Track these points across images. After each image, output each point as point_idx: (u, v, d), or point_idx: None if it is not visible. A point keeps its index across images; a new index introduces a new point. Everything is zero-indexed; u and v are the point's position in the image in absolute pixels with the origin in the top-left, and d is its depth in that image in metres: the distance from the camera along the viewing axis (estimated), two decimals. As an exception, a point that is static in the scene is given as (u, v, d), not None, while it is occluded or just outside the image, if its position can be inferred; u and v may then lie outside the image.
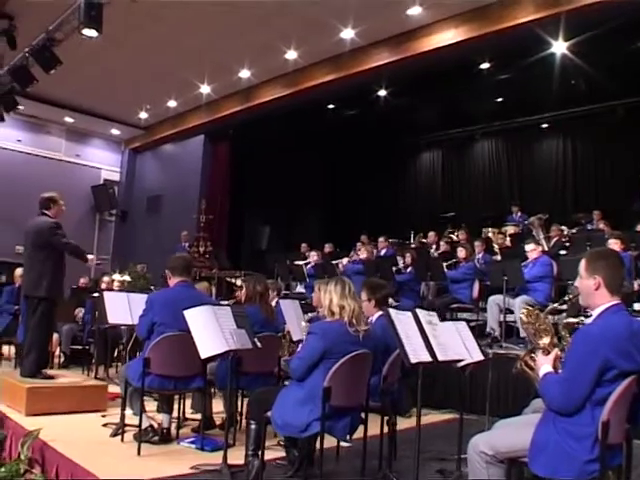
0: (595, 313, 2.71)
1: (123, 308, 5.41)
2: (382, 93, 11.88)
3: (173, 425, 4.99)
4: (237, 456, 3.99)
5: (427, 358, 3.22)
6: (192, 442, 4.68)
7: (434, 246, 10.89)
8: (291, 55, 10.30)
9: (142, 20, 9.40)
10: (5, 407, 5.59)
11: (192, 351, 3.94)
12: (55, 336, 8.06)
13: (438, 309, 7.81)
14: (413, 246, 11.25)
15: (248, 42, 9.87)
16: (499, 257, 9.13)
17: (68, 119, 14.77)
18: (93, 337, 8.01)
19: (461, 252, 8.32)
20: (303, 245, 11.91)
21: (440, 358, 3.28)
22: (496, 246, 9.84)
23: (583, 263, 2.76)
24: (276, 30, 9.48)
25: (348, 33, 9.46)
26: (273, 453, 4.28)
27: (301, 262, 10.28)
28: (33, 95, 13.23)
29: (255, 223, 14.95)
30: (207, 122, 13.28)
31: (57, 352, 8.58)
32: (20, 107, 13.63)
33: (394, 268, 8.92)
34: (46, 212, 6.16)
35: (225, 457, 3.92)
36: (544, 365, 2.78)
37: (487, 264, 8.36)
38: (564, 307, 5.51)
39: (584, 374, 2.53)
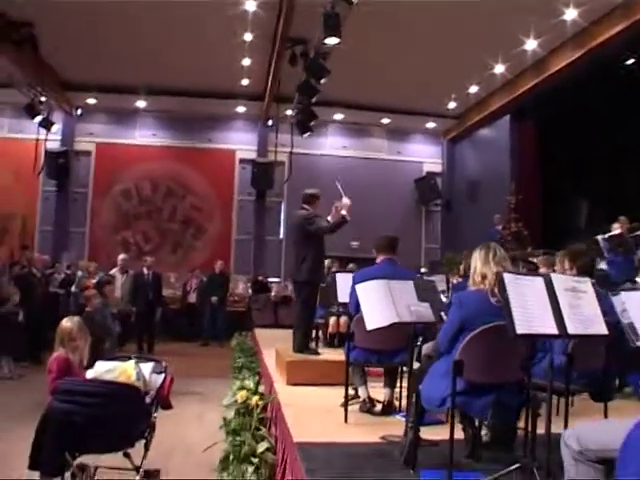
0: None
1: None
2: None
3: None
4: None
5: (547, 330, 2.81)
6: (404, 415, 4.78)
7: None
8: (570, 14, 9.39)
9: (424, 13, 9.68)
10: (278, 377, 6.47)
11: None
12: (343, 319, 8.80)
13: None
14: None
15: (527, 9, 9.32)
16: None
17: (385, 120, 15.82)
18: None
19: None
20: (621, 218, 10.67)
21: (571, 331, 2.83)
22: None
23: None
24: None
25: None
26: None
27: (599, 236, 9.28)
28: (352, 104, 14.63)
29: (571, 199, 13.86)
30: (508, 102, 12.93)
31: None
32: (340, 116, 15.28)
33: None
34: (305, 206, 6.81)
35: (406, 430, 3.95)
36: None
37: None
38: None
39: None
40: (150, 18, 10.41)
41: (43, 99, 13.25)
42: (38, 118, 13.35)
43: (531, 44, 10.58)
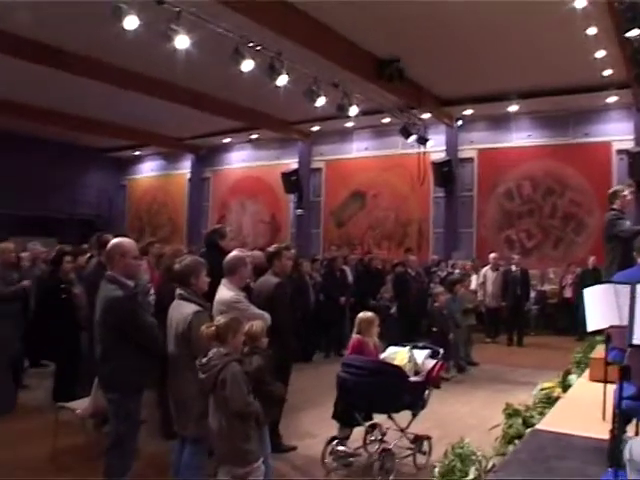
0: None
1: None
2: None
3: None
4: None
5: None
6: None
7: None
8: None
9: None
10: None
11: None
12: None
13: None
14: None
15: None
16: None
17: None
18: None
19: None
20: None
21: None
22: None
23: None
24: None
25: None
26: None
27: None
28: None
29: None
30: None
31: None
32: None
33: None
34: (612, 206, 6.83)
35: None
36: None
37: None
38: None
39: None
40: (508, 29, 11.20)
41: (416, 120, 15.17)
42: (412, 137, 15.29)
43: None
